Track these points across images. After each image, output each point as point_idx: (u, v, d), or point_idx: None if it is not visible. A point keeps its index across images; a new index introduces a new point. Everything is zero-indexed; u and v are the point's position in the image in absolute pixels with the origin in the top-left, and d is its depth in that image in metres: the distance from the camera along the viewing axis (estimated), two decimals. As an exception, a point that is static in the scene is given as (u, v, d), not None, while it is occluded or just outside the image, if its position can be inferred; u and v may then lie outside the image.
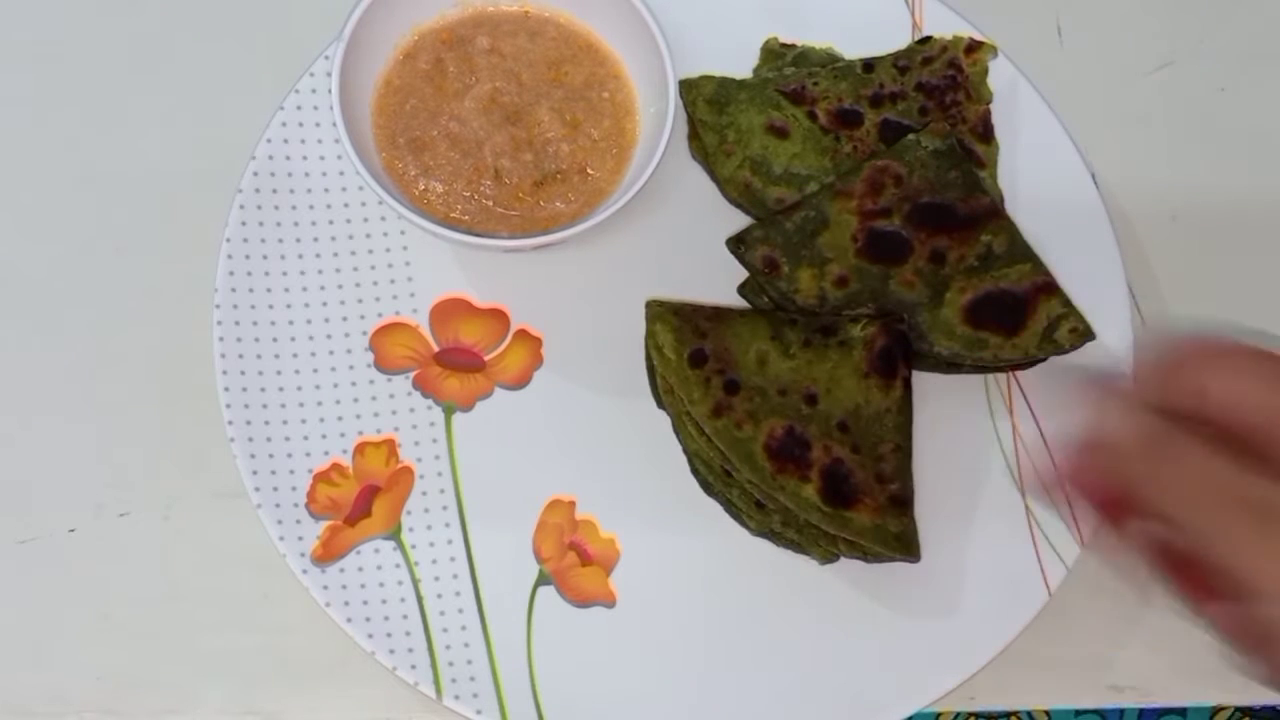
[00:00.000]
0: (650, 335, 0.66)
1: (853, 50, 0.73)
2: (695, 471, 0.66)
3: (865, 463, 0.63)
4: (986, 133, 0.71)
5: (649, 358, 0.67)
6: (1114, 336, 0.68)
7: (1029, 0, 0.79)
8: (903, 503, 0.63)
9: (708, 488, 0.66)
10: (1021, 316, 0.66)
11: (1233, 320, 0.73)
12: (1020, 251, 0.67)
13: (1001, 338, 0.66)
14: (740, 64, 0.73)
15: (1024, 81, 0.72)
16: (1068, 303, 0.66)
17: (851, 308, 0.66)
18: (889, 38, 0.73)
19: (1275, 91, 0.78)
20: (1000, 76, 0.72)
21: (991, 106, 0.71)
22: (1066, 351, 0.66)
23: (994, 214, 0.68)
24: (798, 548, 0.65)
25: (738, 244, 0.67)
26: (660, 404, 0.67)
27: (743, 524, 0.66)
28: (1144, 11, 0.80)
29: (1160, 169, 0.76)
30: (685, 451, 0.67)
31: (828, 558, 0.65)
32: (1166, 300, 0.74)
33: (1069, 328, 0.66)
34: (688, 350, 0.65)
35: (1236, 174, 0.76)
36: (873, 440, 0.64)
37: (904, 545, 0.63)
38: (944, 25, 0.73)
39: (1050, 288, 0.67)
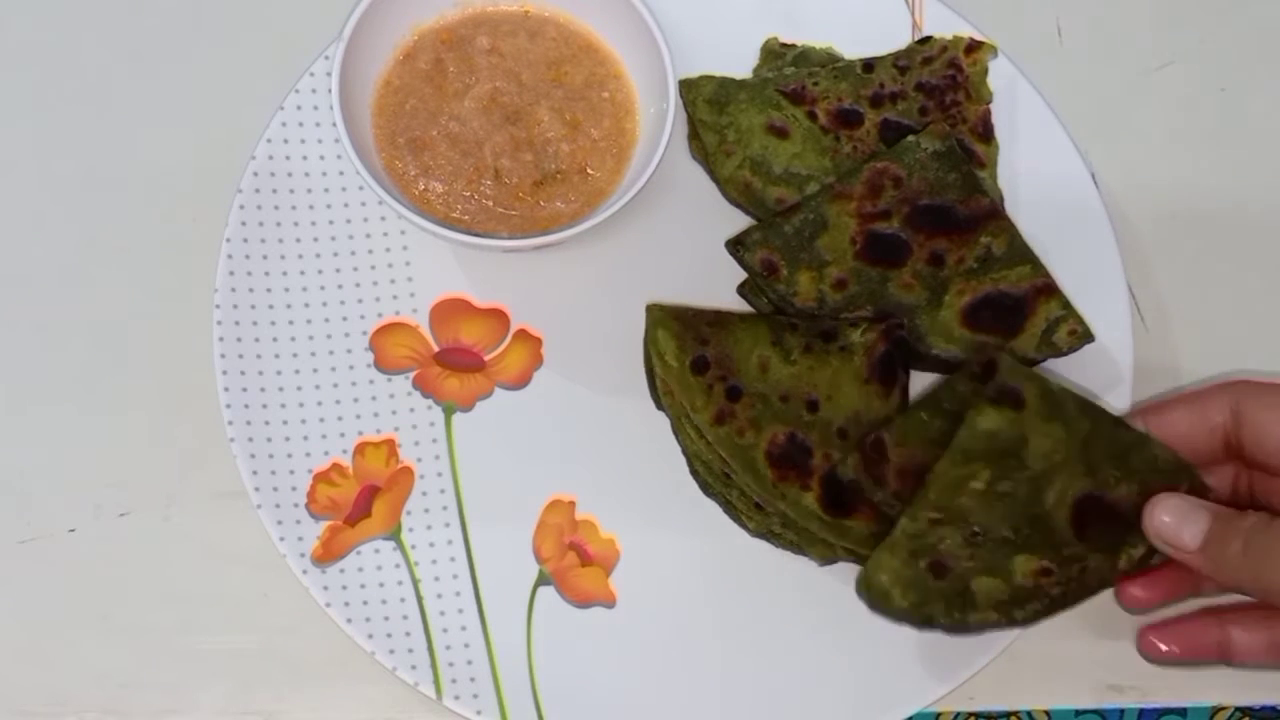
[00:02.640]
0: (651, 341, 0.66)
1: (853, 50, 0.73)
2: (694, 472, 0.66)
3: None
4: (986, 132, 0.71)
5: (648, 359, 0.67)
6: (1114, 337, 0.68)
7: (1029, 0, 0.79)
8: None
9: (706, 488, 0.66)
10: (1020, 318, 0.66)
11: (1232, 320, 0.74)
12: (1019, 253, 0.67)
13: (1000, 340, 0.66)
14: (740, 64, 0.73)
15: (1024, 81, 0.72)
16: (1067, 304, 0.66)
17: (850, 310, 0.66)
18: (889, 38, 0.73)
19: (1275, 91, 0.78)
20: (1000, 76, 0.72)
21: (991, 106, 0.71)
22: (1065, 354, 0.66)
23: (993, 215, 0.68)
24: (797, 548, 0.65)
25: (737, 246, 0.67)
26: (659, 405, 0.67)
27: (741, 525, 0.66)
28: (1144, 11, 0.80)
29: (1160, 169, 0.76)
30: (684, 452, 0.67)
31: (826, 558, 0.65)
32: (1166, 300, 0.73)
33: (1068, 329, 0.66)
34: (690, 358, 0.64)
35: (1236, 174, 0.76)
36: None
37: None
38: (944, 25, 0.73)
39: (1049, 289, 0.67)
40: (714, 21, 0.73)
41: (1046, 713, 0.72)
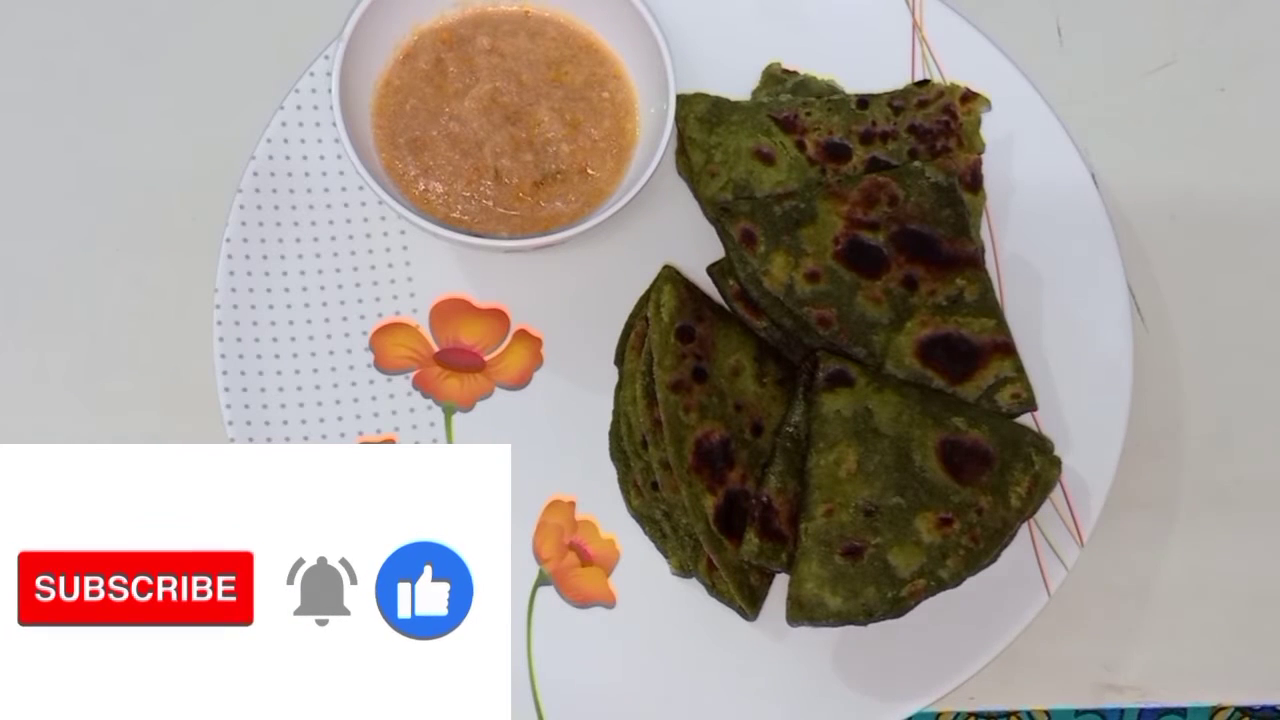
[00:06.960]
0: (655, 291, 0.66)
1: (851, 77, 0.72)
2: (612, 433, 0.67)
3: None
4: (975, 182, 0.69)
5: (632, 315, 0.68)
6: (1114, 337, 0.68)
7: (1029, 0, 0.79)
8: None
9: (615, 453, 0.66)
10: (971, 367, 0.66)
11: (1232, 320, 0.74)
12: (988, 306, 0.67)
13: (945, 381, 0.65)
14: (740, 64, 0.72)
15: (1024, 81, 0.72)
16: (1019, 369, 0.66)
17: (815, 306, 0.66)
18: (889, 37, 0.73)
19: (1275, 91, 0.78)
20: (1001, 77, 0.72)
21: (989, 115, 0.70)
22: (1004, 411, 0.66)
23: (974, 263, 0.67)
24: (661, 542, 0.65)
25: (723, 211, 0.67)
26: (617, 361, 0.67)
27: (625, 498, 0.66)
28: (1144, 11, 0.80)
29: (1160, 169, 0.76)
30: (614, 411, 0.67)
31: (682, 570, 0.65)
32: (1166, 300, 0.73)
33: (1012, 392, 0.65)
34: (680, 322, 0.65)
35: (1236, 174, 0.76)
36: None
37: (750, 598, 0.63)
38: (944, 24, 0.73)
39: (1007, 349, 0.66)
40: (715, 23, 0.73)
41: (1046, 713, 0.72)
